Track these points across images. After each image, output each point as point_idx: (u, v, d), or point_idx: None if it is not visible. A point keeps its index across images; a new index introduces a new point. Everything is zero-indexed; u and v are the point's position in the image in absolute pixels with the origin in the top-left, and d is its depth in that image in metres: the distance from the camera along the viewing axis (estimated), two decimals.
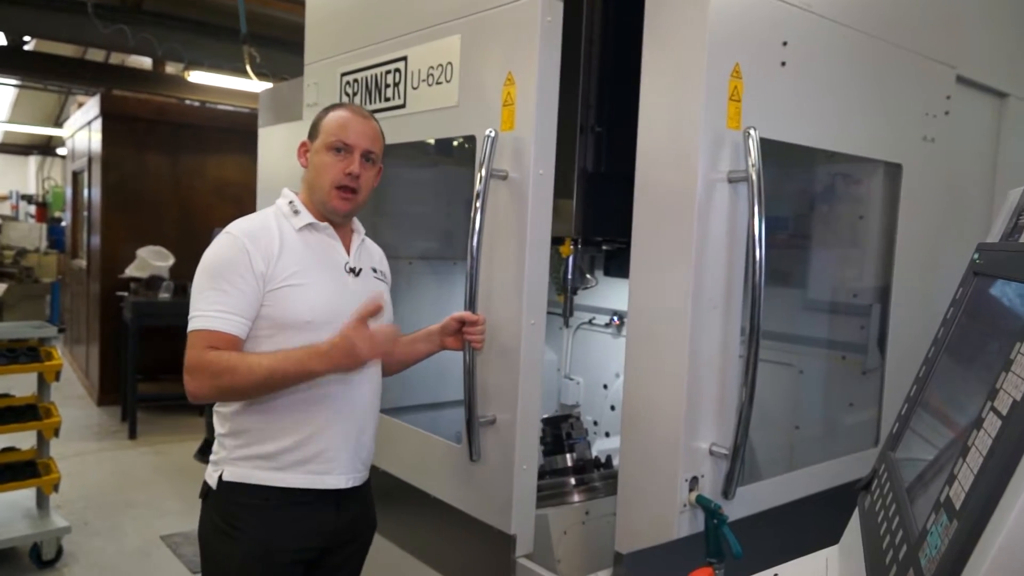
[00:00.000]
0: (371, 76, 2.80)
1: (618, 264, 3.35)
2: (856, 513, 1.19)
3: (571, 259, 2.80)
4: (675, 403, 1.84)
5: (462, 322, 2.11)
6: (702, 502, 1.79)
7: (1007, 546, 0.63)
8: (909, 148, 2.48)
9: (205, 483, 1.92)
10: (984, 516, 0.67)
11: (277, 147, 3.60)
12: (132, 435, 6.39)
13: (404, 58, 2.64)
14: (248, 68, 5.76)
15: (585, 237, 2.71)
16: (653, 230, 1.92)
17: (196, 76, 7.31)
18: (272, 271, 1.82)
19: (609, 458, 2.86)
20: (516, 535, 2.14)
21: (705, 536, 1.79)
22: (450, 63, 2.42)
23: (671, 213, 1.86)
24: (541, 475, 2.78)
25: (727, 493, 1.89)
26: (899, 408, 1.20)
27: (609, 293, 3.38)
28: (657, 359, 1.89)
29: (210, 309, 1.77)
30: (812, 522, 2.42)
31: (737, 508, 1.91)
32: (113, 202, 7.27)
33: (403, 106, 2.65)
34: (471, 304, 2.12)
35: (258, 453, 1.84)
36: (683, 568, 1.79)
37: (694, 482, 1.87)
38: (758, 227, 1.76)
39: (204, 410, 4.35)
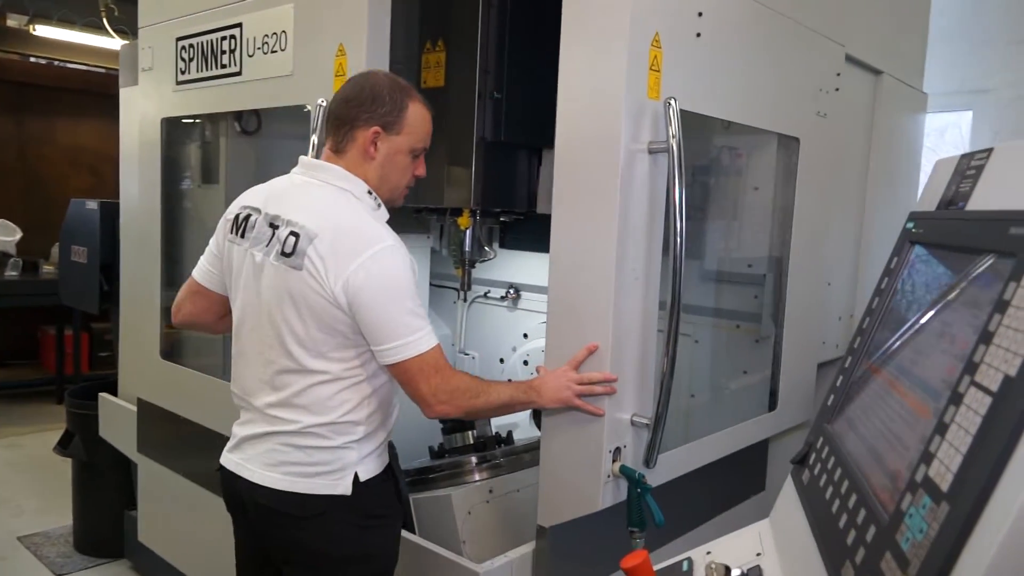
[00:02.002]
0: (207, 42, 2.77)
1: (515, 236, 3.29)
2: (790, 487, 1.17)
3: (469, 231, 2.71)
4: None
5: None
6: (626, 472, 1.80)
7: (1016, 530, 0.61)
8: (805, 122, 2.54)
9: (320, 497, 1.76)
10: (982, 498, 0.64)
11: (137, 110, 3.34)
12: None
13: (239, 25, 2.63)
14: (105, 22, 5.30)
15: (484, 208, 2.63)
16: (574, 201, 1.89)
17: (43, 30, 6.65)
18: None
19: (510, 433, 2.81)
20: None
21: (627, 506, 1.82)
22: (284, 32, 2.45)
23: (593, 184, 1.83)
24: (441, 454, 2.71)
25: (648, 462, 1.91)
26: (833, 379, 1.19)
27: (506, 265, 3.31)
28: (579, 331, 1.88)
29: (423, 328, 1.72)
30: (710, 487, 2.50)
31: (656, 476, 1.94)
32: None
33: (239, 73, 2.65)
34: None
35: (379, 443, 1.86)
36: (606, 539, 1.84)
37: (617, 452, 1.88)
38: (679, 198, 1.77)
39: (63, 398, 4.00)
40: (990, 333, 0.73)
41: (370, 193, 1.81)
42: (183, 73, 2.96)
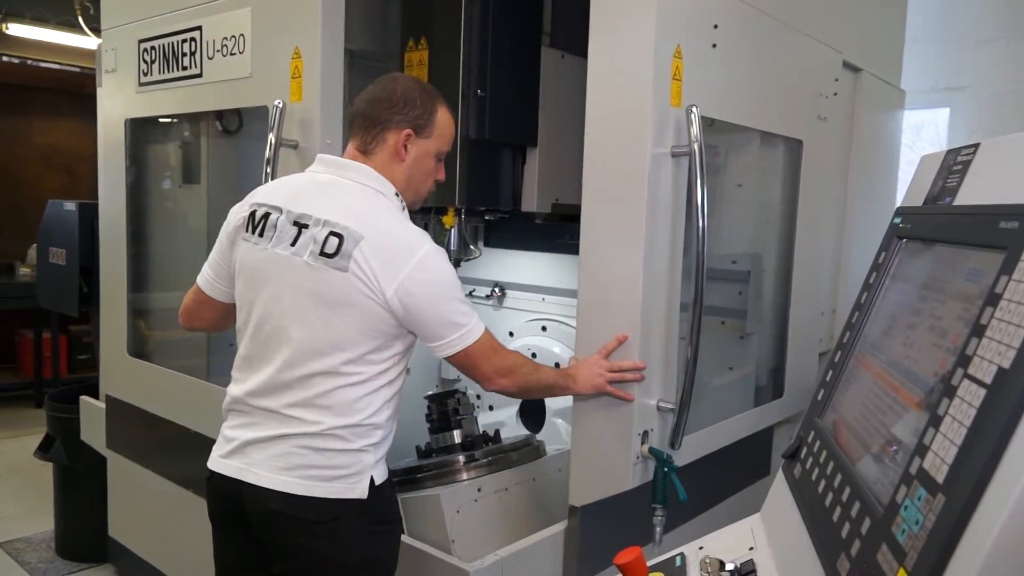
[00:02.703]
0: (168, 44, 2.84)
1: (500, 234, 3.30)
2: (781, 481, 1.18)
3: (455, 229, 2.71)
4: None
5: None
6: (655, 452, 1.96)
7: (1014, 519, 0.61)
8: (808, 125, 2.67)
9: (335, 502, 1.73)
10: (978, 489, 0.65)
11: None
12: None
13: (199, 28, 2.69)
14: (80, 21, 5.23)
15: (469, 206, 2.63)
16: (603, 202, 2.00)
17: (16, 29, 6.56)
18: None
19: (497, 432, 2.81)
20: None
21: (653, 484, 1.97)
22: (242, 35, 2.52)
23: (621, 186, 1.95)
24: (428, 454, 2.71)
25: (674, 443, 2.05)
26: (823, 373, 1.20)
27: (491, 264, 3.31)
28: (609, 324, 1.99)
29: (473, 316, 1.79)
30: (721, 471, 2.54)
31: (679, 458, 2.07)
32: None
33: (200, 75, 2.71)
34: None
35: (388, 447, 1.87)
36: (631, 519, 1.99)
37: (645, 436, 2.01)
38: (701, 198, 1.89)
39: (43, 402, 3.95)
40: (982, 326, 0.74)
41: (397, 195, 1.82)
42: (145, 75, 2.99)
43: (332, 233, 1.69)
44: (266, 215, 1.80)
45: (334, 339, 1.70)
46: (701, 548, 1.24)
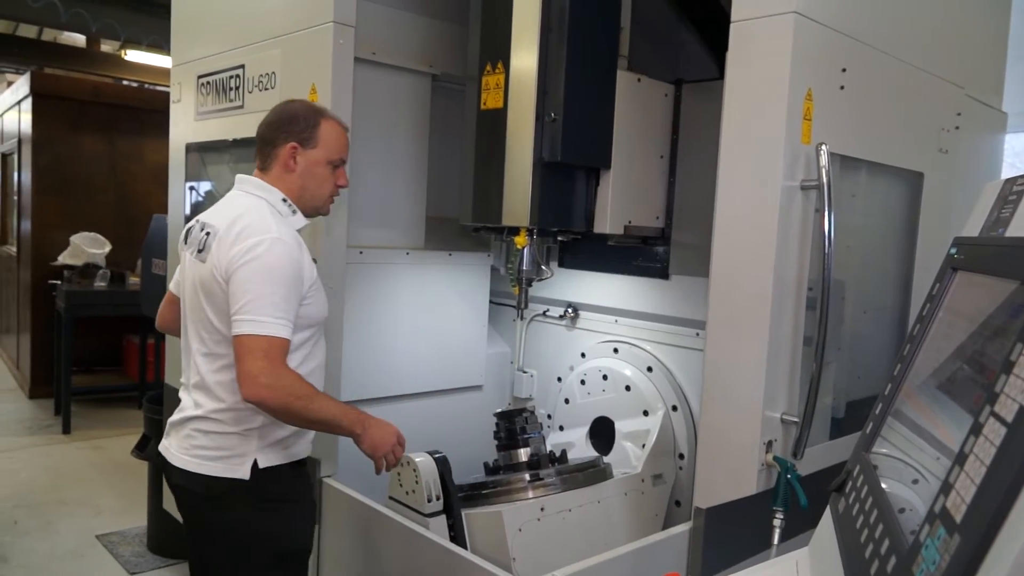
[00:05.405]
0: (219, 79, 3.26)
1: (573, 255, 3.31)
2: (828, 515, 1.15)
3: (526, 250, 2.74)
4: (755, 379, 2.10)
5: None
6: (779, 461, 2.07)
7: (1020, 564, 0.59)
8: (929, 158, 2.73)
9: (222, 479, 1.96)
10: (991, 531, 0.63)
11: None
12: (66, 429, 6.13)
13: (243, 65, 3.08)
14: None
15: (541, 227, 2.66)
16: (735, 229, 2.15)
17: (134, 55, 7.04)
18: (311, 275, 2.00)
19: (564, 452, 2.81)
20: (320, 459, 2.58)
21: (775, 489, 2.07)
22: (274, 72, 2.89)
23: (754, 215, 2.10)
24: (495, 470, 2.74)
25: (796, 454, 2.15)
26: (873, 407, 1.16)
27: (564, 284, 3.33)
28: (739, 341, 2.13)
29: (278, 316, 1.84)
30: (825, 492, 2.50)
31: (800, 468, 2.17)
32: (45, 186, 6.96)
33: (242, 107, 3.08)
34: None
35: (284, 436, 2.01)
36: (752, 523, 2.10)
37: (769, 445, 2.12)
38: (828, 227, 2.03)
39: (142, 404, 4.19)
40: (1011, 363, 0.72)
41: (285, 201, 2.04)
42: (202, 106, 3.38)
43: (206, 233, 2.00)
44: (191, 227, 2.11)
45: (207, 322, 1.95)
46: None
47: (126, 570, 3.87)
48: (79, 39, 8.68)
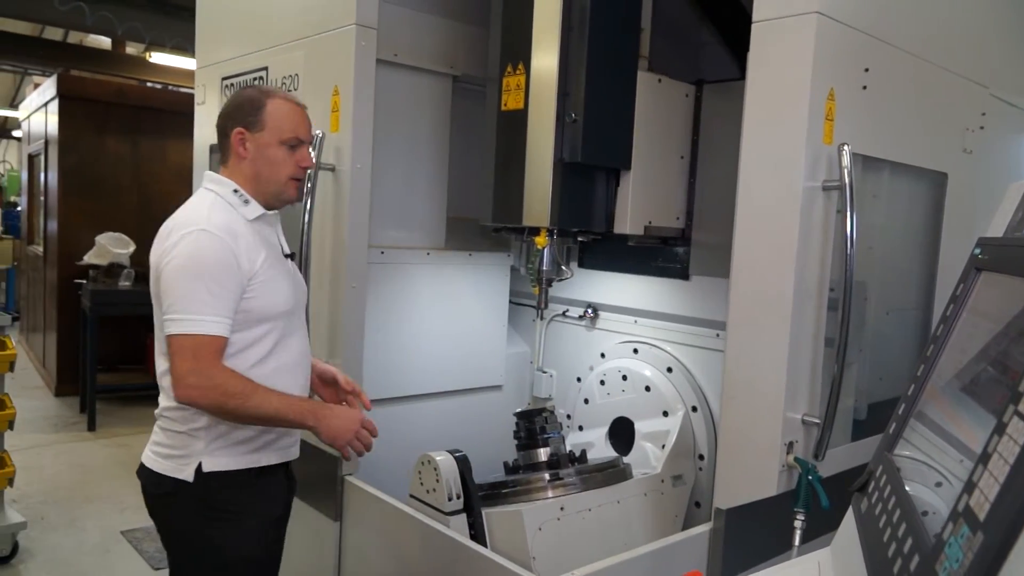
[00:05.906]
0: (243, 81, 3.30)
1: (593, 255, 3.32)
2: (850, 515, 1.15)
3: (546, 250, 2.75)
4: (776, 380, 2.08)
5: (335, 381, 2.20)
6: (800, 462, 2.06)
7: None
8: (952, 158, 2.71)
9: (168, 479, 1.90)
10: (1015, 529, 0.63)
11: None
12: (91, 427, 6.21)
13: (266, 68, 3.14)
14: None
15: (561, 228, 2.67)
16: (756, 229, 2.13)
17: (158, 57, 7.12)
18: (252, 266, 1.86)
19: (584, 452, 2.82)
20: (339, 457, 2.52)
21: (796, 490, 2.07)
22: (297, 74, 2.94)
23: (775, 215, 2.08)
24: (515, 470, 2.75)
25: (817, 455, 2.13)
26: (896, 407, 1.16)
27: (584, 284, 3.34)
28: (759, 341, 2.12)
29: (206, 313, 1.77)
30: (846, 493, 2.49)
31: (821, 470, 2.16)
32: (71, 186, 7.05)
33: None
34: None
35: (238, 439, 1.91)
36: (772, 525, 2.09)
37: (790, 446, 2.12)
38: (851, 228, 2.01)
39: None
40: None
41: (236, 192, 1.94)
42: None
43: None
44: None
45: (159, 321, 1.87)
46: None
47: (150, 566, 3.92)
48: (105, 41, 8.80)
